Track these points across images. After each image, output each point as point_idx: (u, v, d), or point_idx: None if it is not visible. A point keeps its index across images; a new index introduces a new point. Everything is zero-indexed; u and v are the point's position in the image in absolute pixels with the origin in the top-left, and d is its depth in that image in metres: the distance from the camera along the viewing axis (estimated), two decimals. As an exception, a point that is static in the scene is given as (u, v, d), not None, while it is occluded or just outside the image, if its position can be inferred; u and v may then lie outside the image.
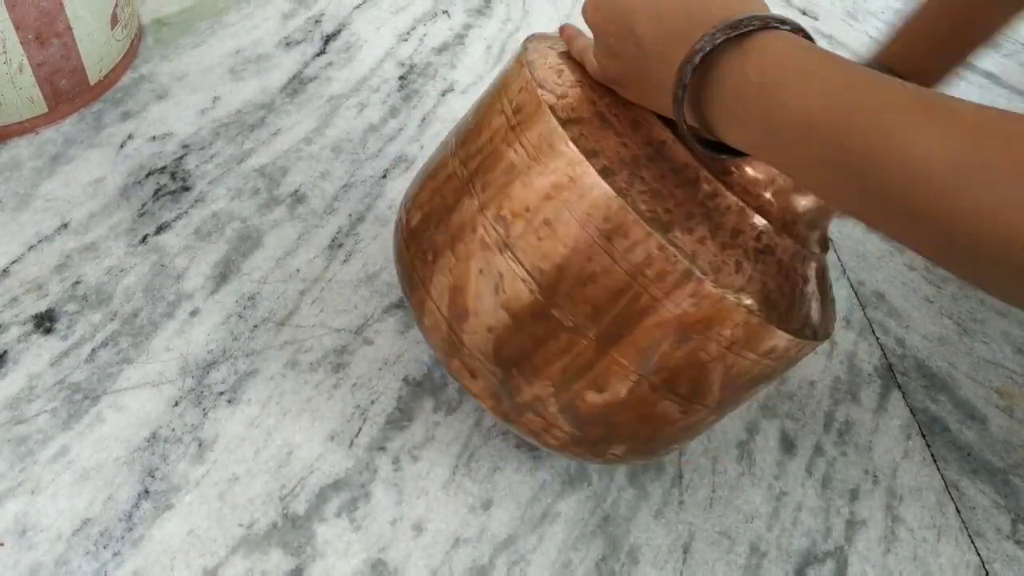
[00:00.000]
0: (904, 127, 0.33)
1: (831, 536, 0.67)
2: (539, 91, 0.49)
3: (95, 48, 0.79)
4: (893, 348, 0.81)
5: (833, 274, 0.87)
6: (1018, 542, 0.70)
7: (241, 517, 0.59)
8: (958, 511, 0.71)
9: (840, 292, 0.85)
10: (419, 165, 0.85)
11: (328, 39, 0.96)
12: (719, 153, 0.45)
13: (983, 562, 0.68)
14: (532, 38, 0.56)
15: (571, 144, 0.46)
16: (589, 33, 0.50)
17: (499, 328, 0.51)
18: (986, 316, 0.86)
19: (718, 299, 0.45)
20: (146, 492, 0.59)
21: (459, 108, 0.92)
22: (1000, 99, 1.15)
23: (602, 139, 0.47)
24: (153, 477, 0.60)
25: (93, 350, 0.65)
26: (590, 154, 0.46)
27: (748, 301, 0.46)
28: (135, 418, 0.62)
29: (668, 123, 0.48)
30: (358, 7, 1.02)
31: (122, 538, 0.57)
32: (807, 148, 0.37)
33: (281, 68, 0.91)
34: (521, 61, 0.52)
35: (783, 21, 0.40)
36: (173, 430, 0.62)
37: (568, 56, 0.52)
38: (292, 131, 0.85)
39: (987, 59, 1.23)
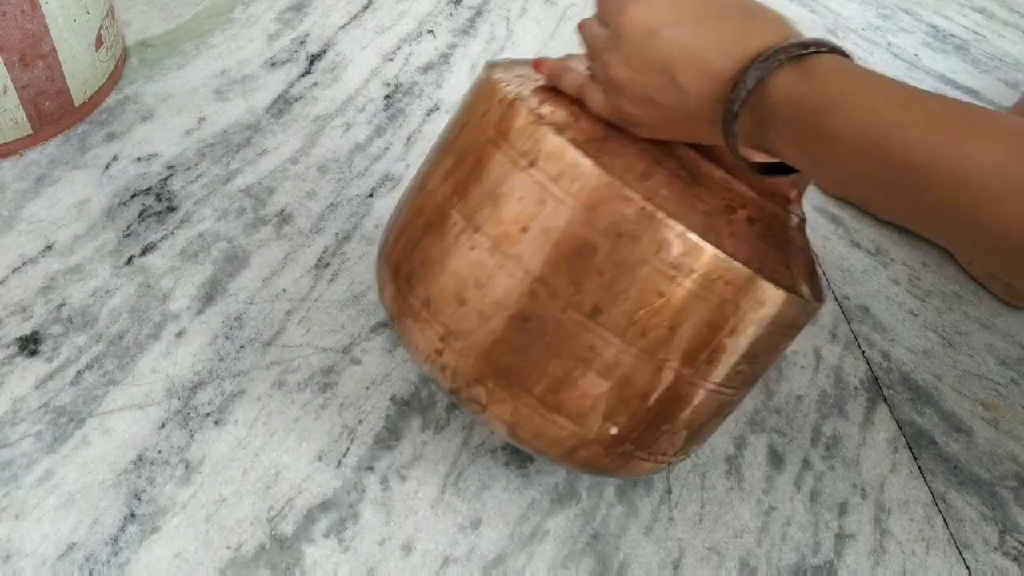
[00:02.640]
0: (952, 141, 0.36)
1: (820, 550, 0.67)
2: (508, 94, 0.50)
3: (80, 70, 0.79)
4: (879, 361, 0.82)
5: (818, 289, 0.87)
6: (1006, 554, 0.70)
7: (228, 539, 0.59)
8: (946, 523, 0.71)
9: (825, 306, 0.86)
10: (405, 184, 0.85)
11: (313, 59, 0.97)
12: (770, 174, 0.47)
13: (971, 574, 0.68)
14: (492, 66, 0.56)
15: (552, 132, 0.48)
16: (579, 67, 0.51)
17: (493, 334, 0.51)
18: (970, 329, 0.87)
19: (720, 262, 0.46)
20: (132, 515, 0.59)
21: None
22: (980, 114, 1.17)
23: (581, 120, 0.49)
24: (139, 500, 0.59)
25: (78, 372, 0.65)
26: (569, 136, 0.47)
27: (745, 263, 0.47)
28: (121, 440, 0.62)
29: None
30: (343, 27, 1.02)
31: (108, 562, 0.56)
32: (859, 164, 0.39)
33: (266, 88, 0.91)
34: (491, 83, 0.53)
35: (821, 44, 0.42)
36: (159, 452, 0.62)
37: (549, 89, 0.53)
38: (278, 151, 0.85)
39: (967, 75, 1.24)
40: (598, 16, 0.49)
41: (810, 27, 1.27)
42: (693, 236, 0.45)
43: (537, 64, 0.53)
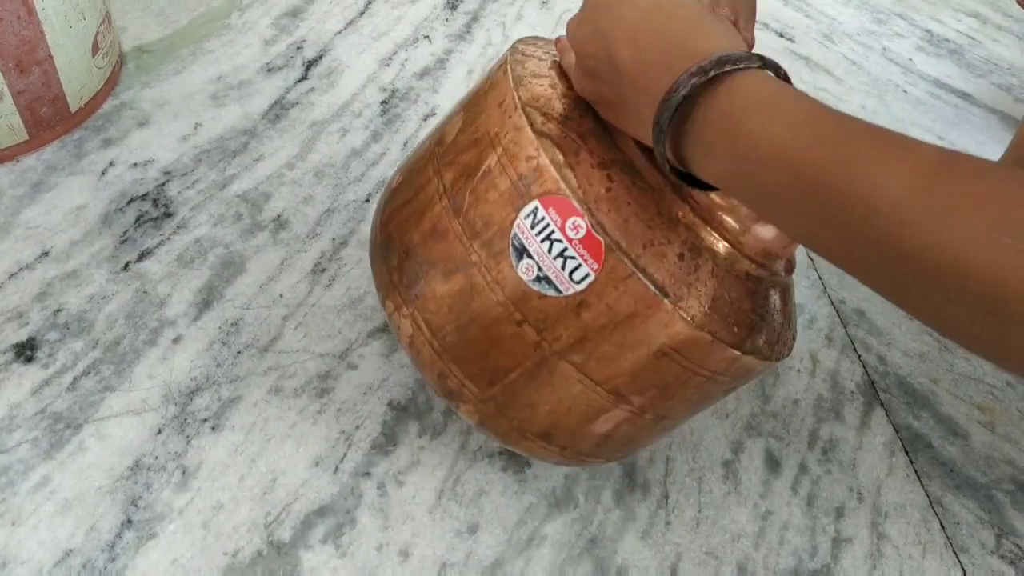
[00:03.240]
0: (865, 160, 0.34)
1: (817, 554, 0.67)
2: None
3: (76, 76, 0.79)
4: (875, 365, 0.82)
5: (814, 292, 0.87)
6: (1002, 557, 0.70)
7: (226, 545, 0.59)
8: (942, 527, 0.71)
9: (822, 310, 0.86)
10: (402, 189, 0.85)
11: (310, 65, 0.97)
12: (692, 185, 0.46)
13: (968, 578, 0.68)
14: (522, 42, 0.57)
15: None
16: None
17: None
18: (966, 332, 0.87)
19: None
20: (129, 521, 0.58)
21: (441, 132, 0.93)
22: (974, 118, 1.17)
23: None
24: (136, 506, 0.59)
25: (75, 378, 0.65)
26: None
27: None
28: (118, 447, 0.62)
29: (638, 142, 0.49)
30: (339, 33, 1.02)
31: (104, 569, 0.56)
32: (771, 178, 0.38)
33: (263, 94, 0.92)
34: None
35: (760, 60, 0.41)
36: (156, 458, 0.62)
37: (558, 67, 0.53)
38: (274, 157, 0.85)
39: (961, 79, 1.25)
40: None
41: (805, 31, 1.27)
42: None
43: (557, 41, 0.54)
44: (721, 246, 0.49)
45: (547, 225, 0.47)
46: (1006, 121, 1.18)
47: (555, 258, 0.47)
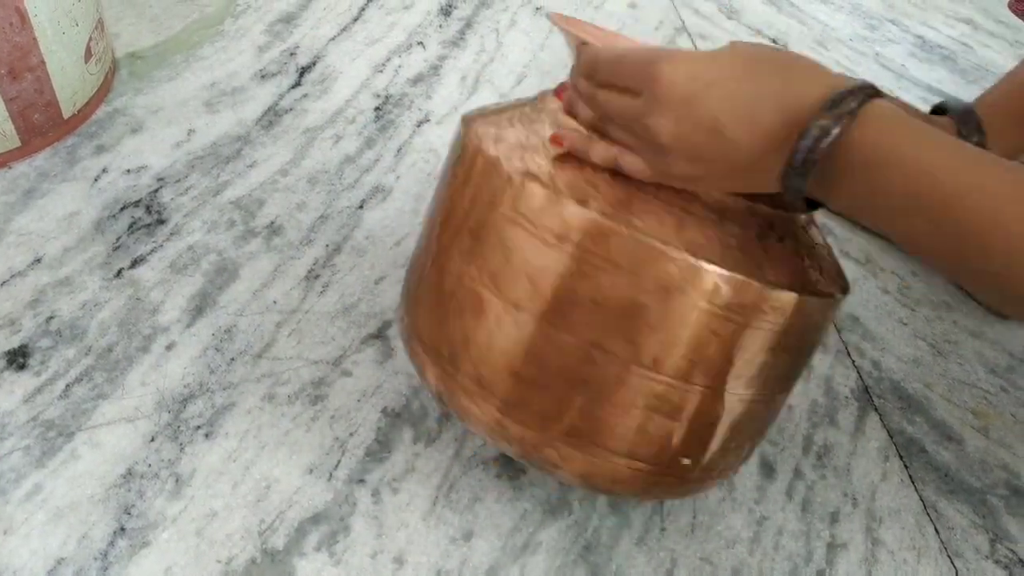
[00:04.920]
0: (1011, 213, 0.37)
1: (813, 560, 0.67)
2: (514, 171, 0.50)
3: (69, 82, 0.79)
4: (869, 371, 0.82)
5: (808, 298, 0.88)
6: (997, 561, 0.70)
7: (219, 553, 0.58)
8: (937, 532, 0.71)
9: (815, 316, 0.86)
10: (396, 195, 0.85)
11: (303, 71, 0.97)
12: (814, 209, 0.48)
13: (963, 583, 0.68)
14: (471, 119, 0.57)
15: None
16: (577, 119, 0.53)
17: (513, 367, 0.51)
18: (960, 338, 0.87)
19: (767, 294, 0.47)
20: (122, 530, 0.58)
21: (435, 138, 0.93)
22: (967, 124, 1.18)
23: (599, 184, 0.50)
24: (129, 514, 0.59)
25: (67, 386, 0.64)
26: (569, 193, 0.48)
27: (739, 269, 0.47)
28: (110, 454, 0.62)
29: None
30: (333, 39, 1.02)
31: (97, 577, 0.56)
32: (912, 222, 0.41)
33: (256, 100, 0.91)
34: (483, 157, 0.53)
35: (866, 88, 0.43)
36: (149, 466, 0.61)
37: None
38: (268, 163, 0.85)
39: (953, 85, 1.25)
40: (614, 86, 0.49)
41: (798, 38, 1.28)
42: (739, 276, 0.46)
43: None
44: (772, 214, 0.51)
45: None
46: (998, 127, 1.19)
47: None
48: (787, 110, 0.43)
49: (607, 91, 0.49)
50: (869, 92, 0.42)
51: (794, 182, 0.44)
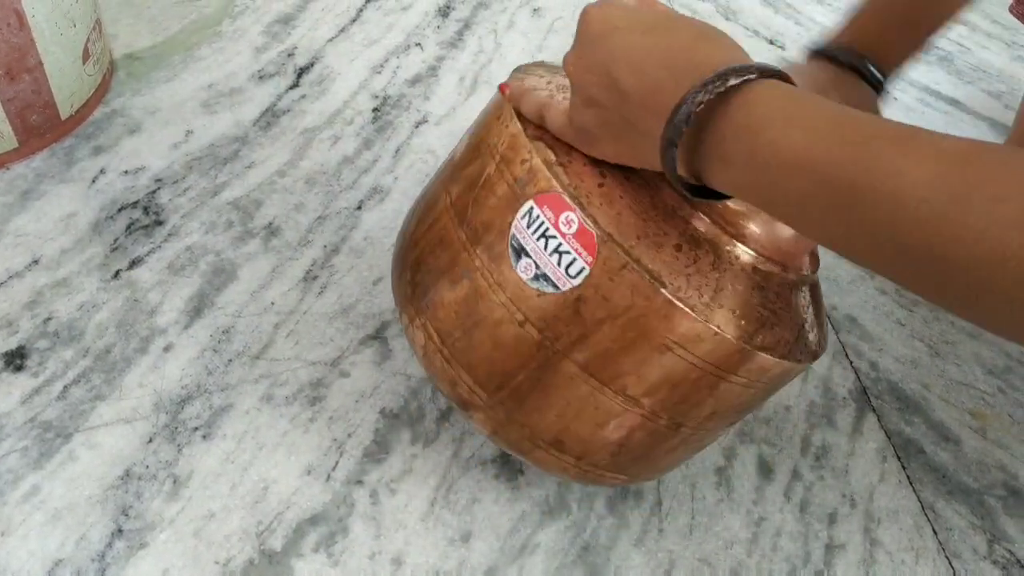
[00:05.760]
0: (889, 158, 0.34)
1: (811, 561, 0.67)
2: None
3: (66, 83, 0.79)
4: (867, 372, 0.82)
5: (806, 299, 0.88)
6: (995, 562, 0.70)
7: (217, 554, 0.58)
8: (935, 532, 0.71)
9: (813, 317, 0.86)
10: (394, 196, 0.85)
11: (301, 72, 0.97)
12: (705, 197, 0.45)
13: (961, 583, 0.69)
14: (522, 68, 0.57)
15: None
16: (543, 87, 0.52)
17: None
18: (957, 338, 0.87)
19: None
20: (120, 531, 0.58)
21: (433, 139, 0.92)
22: (964, 124, 1.18)
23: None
24: (127, 515, 0.59)
25: (65, 387, 0.64)
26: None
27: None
28: (108, 456, 0.61)
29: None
30: (331, 40, 1.02)
31: (95, 579, 0.56)
32: (793, 184, 0.38)
33: (254, 101, 0.91)
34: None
35: (764, 70, 0.41)
36: (147, 467, 0.61)
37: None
38: (266, 164, 0.85)
39: (951, 86, 1.25)
40: None
41: (795, 39, 1.28)
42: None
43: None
44: (724, 239, 0.49)
45: (542, 223, 0.48)
46: (996, 128, 1.19)
47: (551, 254, 0.47)
48: (678, 73, 0.42)
49: None
50: (764, 72, 0.41)
51: (668, 153, 0.42)
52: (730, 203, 0.49)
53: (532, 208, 0.48)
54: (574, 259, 0.47)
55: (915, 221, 0.33)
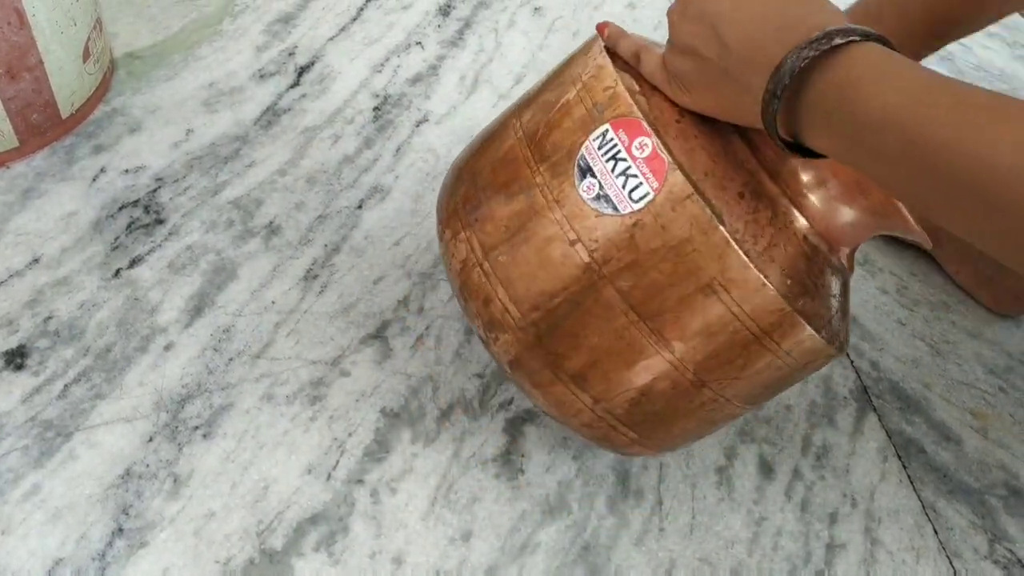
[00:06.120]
0: (981, 123, 0.37)
1: (811, 560, 0.67)
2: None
3: (67, 82, 0.79)
4: (868, 371, 0.82)
5: (807, 298, 0.88)
6: (996, 562, 0.70)
7: (217, 553, 0.58)
8: (936, 532, 0.71)
9: (814, 316, 0.86)
10: (395, 195, 0.85)
11: (302, 71, 0.97)
12: (800, 154, 0.47)
13: (962, 583, 0.68)
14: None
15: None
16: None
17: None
18: (958, 338, 0.87)
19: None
20: (120, 530, 0.58)
21: (434, 138, 0.92)
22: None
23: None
24: (127, 515, 0.59)
25: (65, 386, 0.64)
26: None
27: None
28: (108, 454, 0.61)
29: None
30: (332, 39, 1.02)
31: (95, 578, 0.56)
32: (885, 142, 0.40)
33: (255, 100, 0.91)
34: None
35: (867, 33, 0.42)
36: (147, 466, 0.61)
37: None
38: (266, 163, 0.85)
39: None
40: None
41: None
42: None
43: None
44: (784, 201, 0.50)
45: (615, 145, 0.48)
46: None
47: (617, 176, 0.48)
48: (783, 31, 0.43)
49: None
50: (868, 36, 0.42)
51: (770, 105, 0.43)
52: (800, 172, 0.50)
53: (607, 130, 0.49)
54: (640, 183, 0.47)
55: (1000, 182, 0.36)
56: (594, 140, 0.49)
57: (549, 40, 1.11)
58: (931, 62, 1.28)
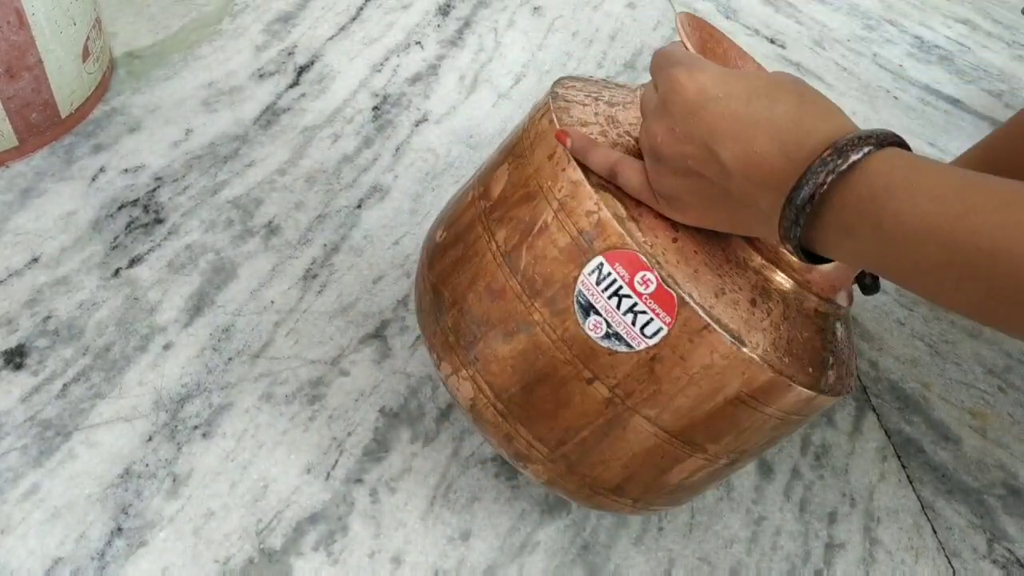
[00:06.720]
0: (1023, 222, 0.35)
1: (810, 560, 0.67)
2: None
3: (66, 81, 0.79)
4: (867, 371, 0.82)
5: (806, 298, 0.88)
6: (994, 561, 0.70)
7: (217, 553, 0.58)
8: (935, 532, 0.71)
9: (813, 316, 0.86)
10: (394, 195, 0.85)
11: (301, 71, 0.97)
12: (818, 262, 0.44)
13: (961, 583, 0.68)
14: (561, 85, 0.55)
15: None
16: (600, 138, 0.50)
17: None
18: (957, 338, 0.87)
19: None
20: (119, 529, 0.58)
21: (433, 137, 0.92)
22: (964, 124, 1.18)
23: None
24: (126, 514, 0.59)
25: (65, 385, 0.64)
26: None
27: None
28: (108, 454, 0.61)
29: None
30: (331, 39, 1.02)
31: (94, 577, 0.56)
32: (924, 254, 0.37)
33: (254, 100, 0.91)
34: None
35: (880, 139, 0.40)
36: (147, 465, 0.61)
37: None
38: (266, 162, 0.85)
39: (952, 85, 1.25)
40: (652, 81, 0.47)
41: (796, 38, 1.28)
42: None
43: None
44: (789, 286, 0.48)
45: (614, 280, 0.45)
46: (996, 127, 1.19)
47: (624, 314, 0.45)
48: (787, 146, 0.40)
49: (650, 83, 0.47)
50: (883, 141, 0.40)
51: (791, 232, 0.41)
52: None
53: (602, 264, 0.46)
54: (651, 319, 0.45)
55: None
56: (589, 275, 0.46)
57: (549, 40, 1.11)
58: (931, 62, 1.28)
